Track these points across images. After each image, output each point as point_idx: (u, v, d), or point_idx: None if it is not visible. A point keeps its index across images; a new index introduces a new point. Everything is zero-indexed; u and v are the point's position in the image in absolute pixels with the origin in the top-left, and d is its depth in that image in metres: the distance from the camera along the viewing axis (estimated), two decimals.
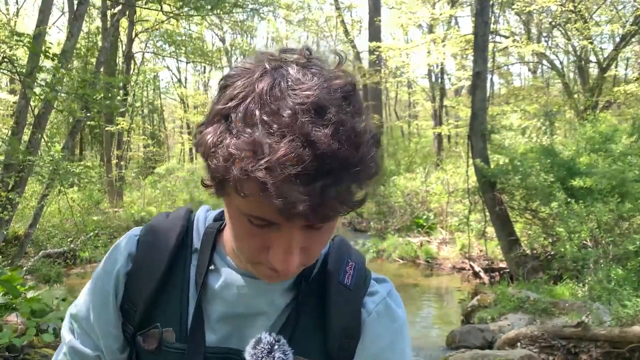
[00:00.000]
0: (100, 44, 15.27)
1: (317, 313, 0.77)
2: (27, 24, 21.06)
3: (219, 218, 0.84)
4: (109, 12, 13.14)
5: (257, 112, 0.59)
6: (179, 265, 0.80)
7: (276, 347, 0.73)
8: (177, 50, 23.29)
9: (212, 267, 0.79)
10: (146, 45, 24.70)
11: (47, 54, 6.30)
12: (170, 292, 0.79)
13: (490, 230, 10.14)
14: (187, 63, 28.81)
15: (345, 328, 0.76)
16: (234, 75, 0.65)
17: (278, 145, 0.56)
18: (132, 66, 21.10)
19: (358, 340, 0.77)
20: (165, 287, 0.79)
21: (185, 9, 9.01)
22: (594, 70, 16.95)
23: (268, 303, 0.77)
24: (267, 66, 0.63)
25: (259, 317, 0.77)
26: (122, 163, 20.49)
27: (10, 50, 6.67)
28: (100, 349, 0.84)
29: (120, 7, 9.91)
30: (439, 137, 21.84)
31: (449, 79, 24.58)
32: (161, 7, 9.08)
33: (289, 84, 0.60)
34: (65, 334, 0.88)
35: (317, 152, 0.56)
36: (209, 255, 0.79)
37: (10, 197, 7.34)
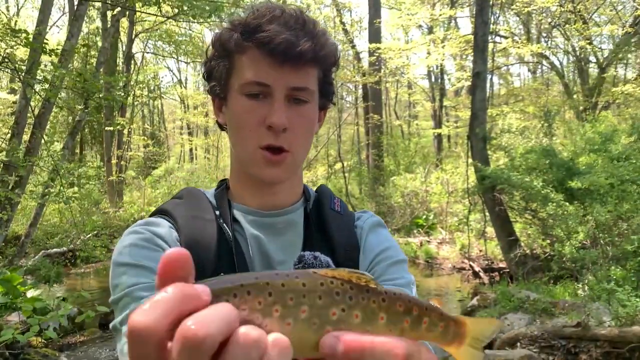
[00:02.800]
0: (100, 44, 15.27)
1: (323, 237, 0.93)
2: (27, 24, 21.05)
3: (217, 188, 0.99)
4: (109, 13, 13.14)
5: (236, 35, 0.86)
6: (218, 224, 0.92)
7: (317, 261, 0.86)
8: (177, 49, 23.28)
9: (234, 216, 0.92)
10: (146, 45, 24.70)
11: (45, 49, 6.31)
12: (222, 248, 0.88)
13: (490, 230, 10.14)
14: (187, 64, 28.83)
15: (346, 244, 0.93)
16: None
17: (262, 18, 0.83)
18: (132, 66, 21.09)
19: (359, 251, 0.94)
20: (220, 245, 0.88)
21: (185, 11, 9.01)
22: (593, 71, 16.95)
23: (288, 226, 0.92)
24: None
25: (286, 247, 0.91)
26: (122, 163, 20.47)
27: (10, 49, 6.67)
28: None
29: (119, 9, 9.91)
30: (438, 137, 21.85)
31: (449, 79, 24.59)
32: (160, 11, 9.08)
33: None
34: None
35: (286, 13, 0.83)
36: (229, 210, 0.93)
37: (10, 197, 7.34)
